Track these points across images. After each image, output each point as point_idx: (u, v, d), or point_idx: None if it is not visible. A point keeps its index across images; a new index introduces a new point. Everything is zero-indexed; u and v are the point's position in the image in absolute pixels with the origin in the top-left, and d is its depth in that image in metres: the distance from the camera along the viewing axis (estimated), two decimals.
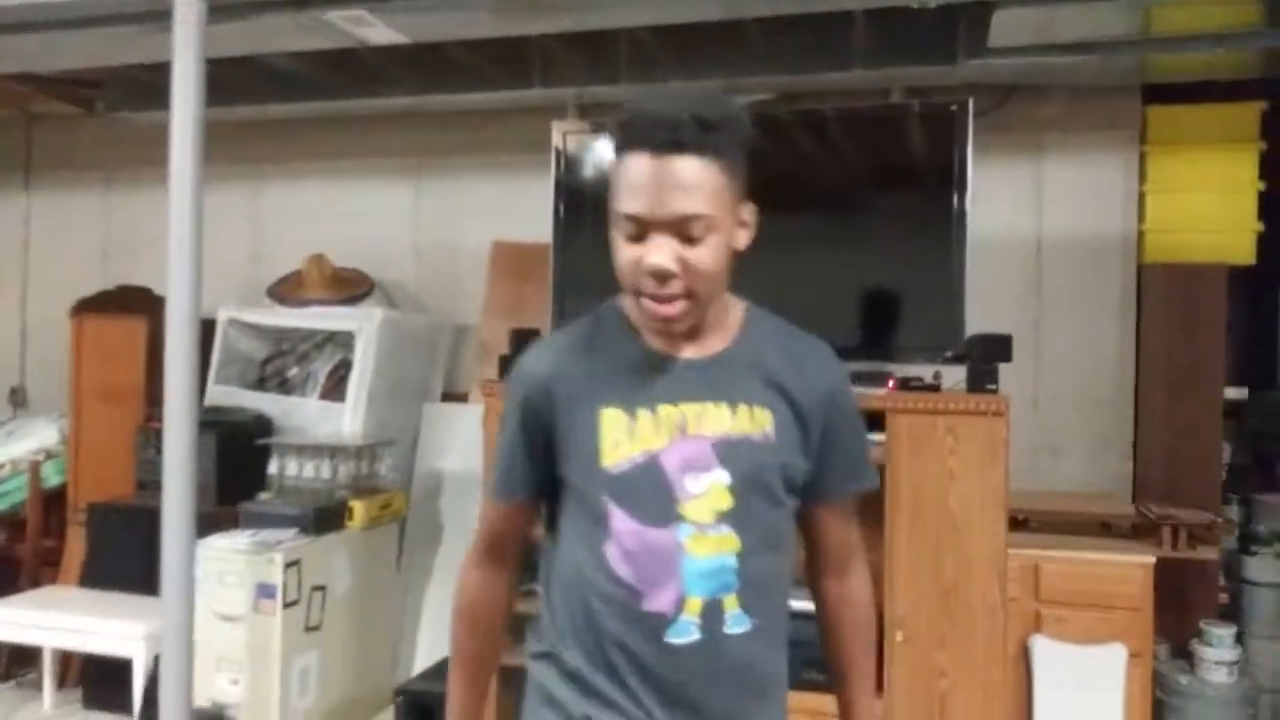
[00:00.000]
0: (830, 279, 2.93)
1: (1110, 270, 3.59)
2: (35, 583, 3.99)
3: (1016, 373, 2.88)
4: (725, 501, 1.21)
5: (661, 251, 1.17)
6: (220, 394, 4.04)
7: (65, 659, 3.78)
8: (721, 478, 1.22)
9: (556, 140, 3.18)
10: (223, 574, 3.10)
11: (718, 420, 1.24)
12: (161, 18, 2.44)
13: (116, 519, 3.74)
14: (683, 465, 1.22)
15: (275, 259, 4.39)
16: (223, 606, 3.10)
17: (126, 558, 3.55)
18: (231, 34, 2.61)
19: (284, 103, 4.09)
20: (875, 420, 2.69)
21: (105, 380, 4.14)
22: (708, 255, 1.19)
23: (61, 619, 3.43)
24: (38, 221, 5.01)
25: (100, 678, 3.60)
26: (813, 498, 1.33)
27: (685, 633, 1.20)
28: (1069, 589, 2.92)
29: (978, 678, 2.61)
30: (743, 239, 1.26)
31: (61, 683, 3.76)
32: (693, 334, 1.27)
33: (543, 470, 1.30)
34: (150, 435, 3.79)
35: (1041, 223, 3.66)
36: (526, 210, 3.55)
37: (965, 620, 2.62)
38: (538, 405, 1.28)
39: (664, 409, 1.23)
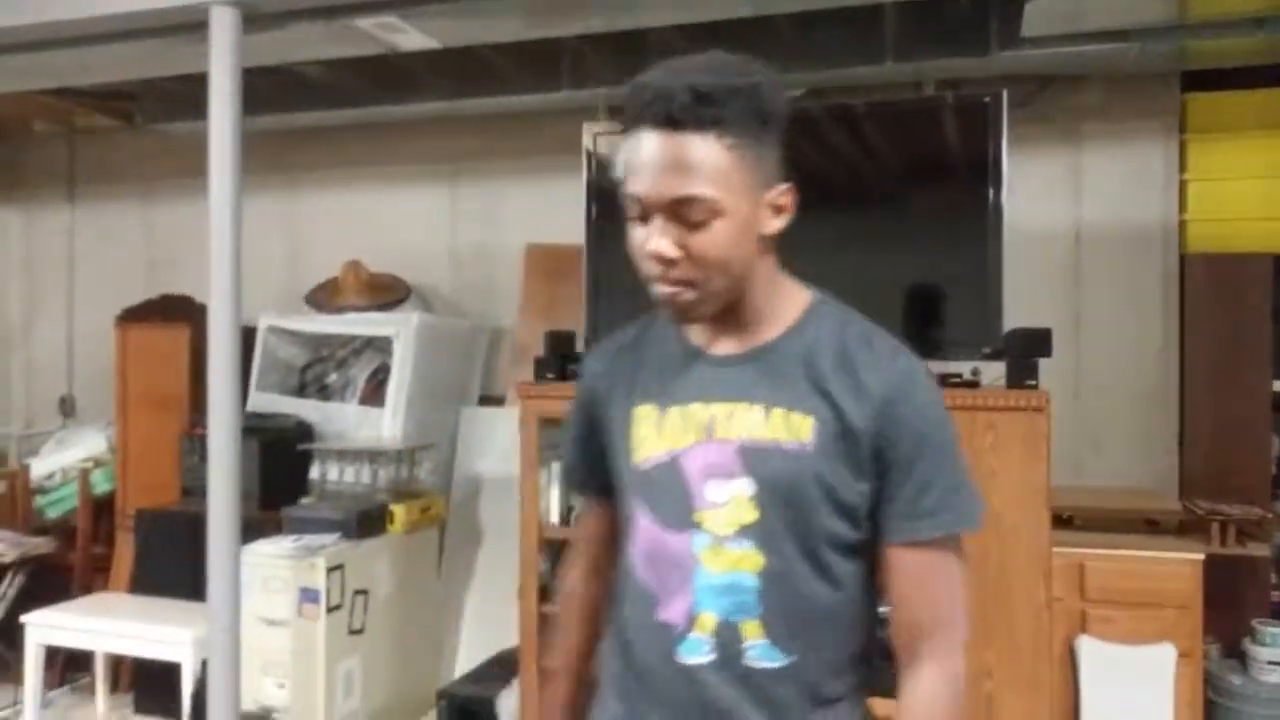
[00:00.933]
0: (865, 276, 2.91)
1: (1151, 261, 3.52)
2: (87, 589, 4.07)
3: (1057, 367, 2.83)
4: (749, 514, 1.10)
5: (660, 236, 1.09)
6: (262, 400, 4.09)
7: (117, 663, 3.85)
8: (745, 488, 1.10)
9: (587, 142, 3.18)
10: (267, 579, 3.14)
11: (747, 423, 1.12)
12: (197, 29, 2.48)
13: (163, 525, 3.80)
14: (705, 470, 1.12)
15: (313, 266, 4.44)
16: (268, 611, 3.14)
17: (174, 563, 3.61)
18: (265, 44, 2.64)
19: (318, 110, 4.14)
20: None
21: (150, 388, 4.21)
22: (712, 241, 1.08)
23: (112, 624, 3.49)
24: (82, 234, 5.11)
25: (150, 682, 3.66)
26: (878, 536, 1.14)
27: (697, 651, 1.11)
28: (1115, 587, 2.87)
29: (1024, 678, 2.57)
30: (772, 224, 1.14)
31: (114, 687, 3.84)
32: (736, 326, 1.16)
33: (601, 467, 1.27)
34: (195, 442, 3.85)
35: (1080, 214, 3.60)
36: (559, 212, 3.56)
37: (1010, 620, 2.58)
38: (589, 402, 1.28)
39: (695, 407, 1.15)
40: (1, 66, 3.08)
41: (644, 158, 1.08)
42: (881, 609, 1.21)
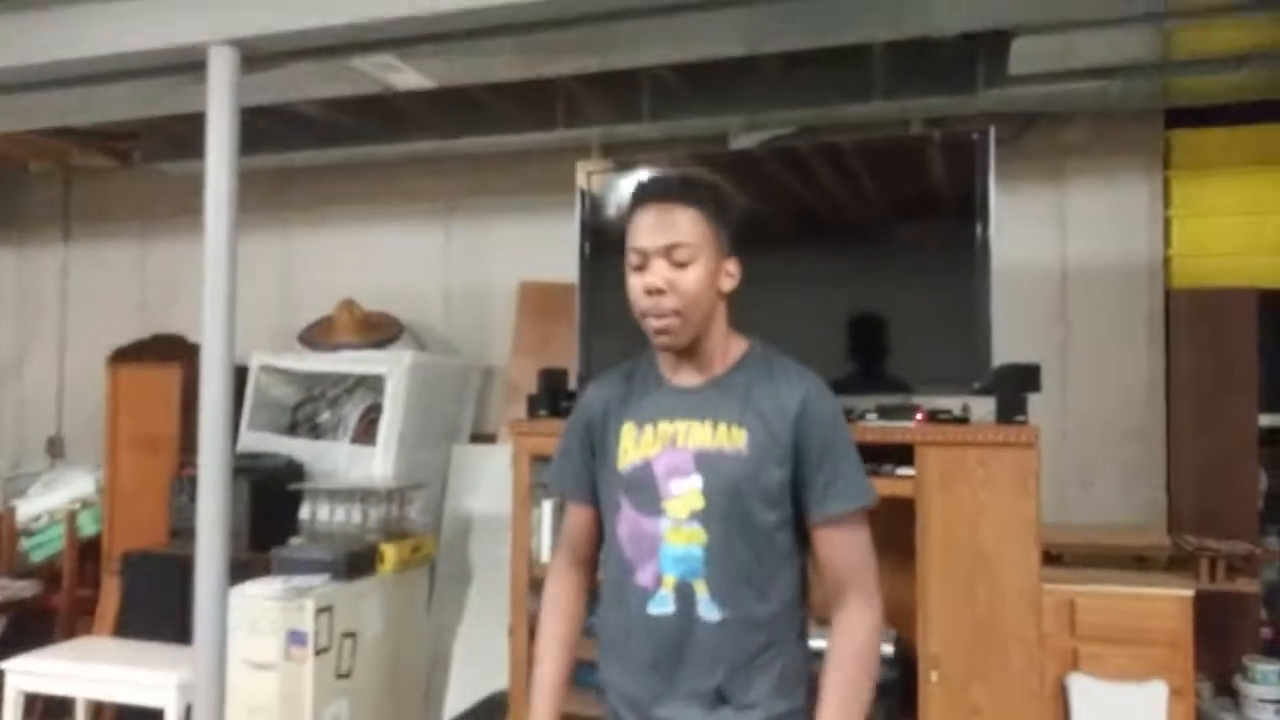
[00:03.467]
0: (854, 313, 2.93)
1: (1137, 296, 3.56)
2: (71, 633, 4.02)
3: (1044, 404, 2.85)
4: (697, 502, 1.51)
5: (654, 274, 1.52)
6: (253, 439, 4.08)
7: (98, 710, 3.79)
8: (695, 483, 1.51)
9: (581, 180, 3.22)
10: (255, 621, 3.11)
11: (700, 435, 1.53)
12: (196, 69, 2.51)
13: (150, 568, 3.76)
14: (668, 470, 1.53)
15: (306, 304, 4.45)
16: (255, 654, 3.10)
17: (161, 606, 3.56)
18: (262, 83, 2.67)
19: (313, 149, 4.17)
20: (904, 454, 2.67)
21: (140, 429, 4.19)
22: (692, 279, 1.52)
23: (95, 669, 3.44)
24: (75, 273, 5.12)
25: None
26: (804, 514, 1.54)
27: (663, 604, 1.51)
28: (1106, 624, 2.85)
29: (1014, 716, 2.55)
30: (727, 284, 1.58)
31: None
32: (696, 363, 1.58)
33: (587, 474, 1.64)
34: (184, 483, 3.83)
35: (1066, 250, 3.64)
36: (553, 250, 3.59)
37: (1000, 657, 2.57)
38: (591, 420, 1.64)
39: (662, 424, 1.56)
40: (2, 106, 3.10)
41: (646, 220, 1.54)
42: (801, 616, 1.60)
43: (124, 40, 2.59)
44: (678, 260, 1.51)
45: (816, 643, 1.57)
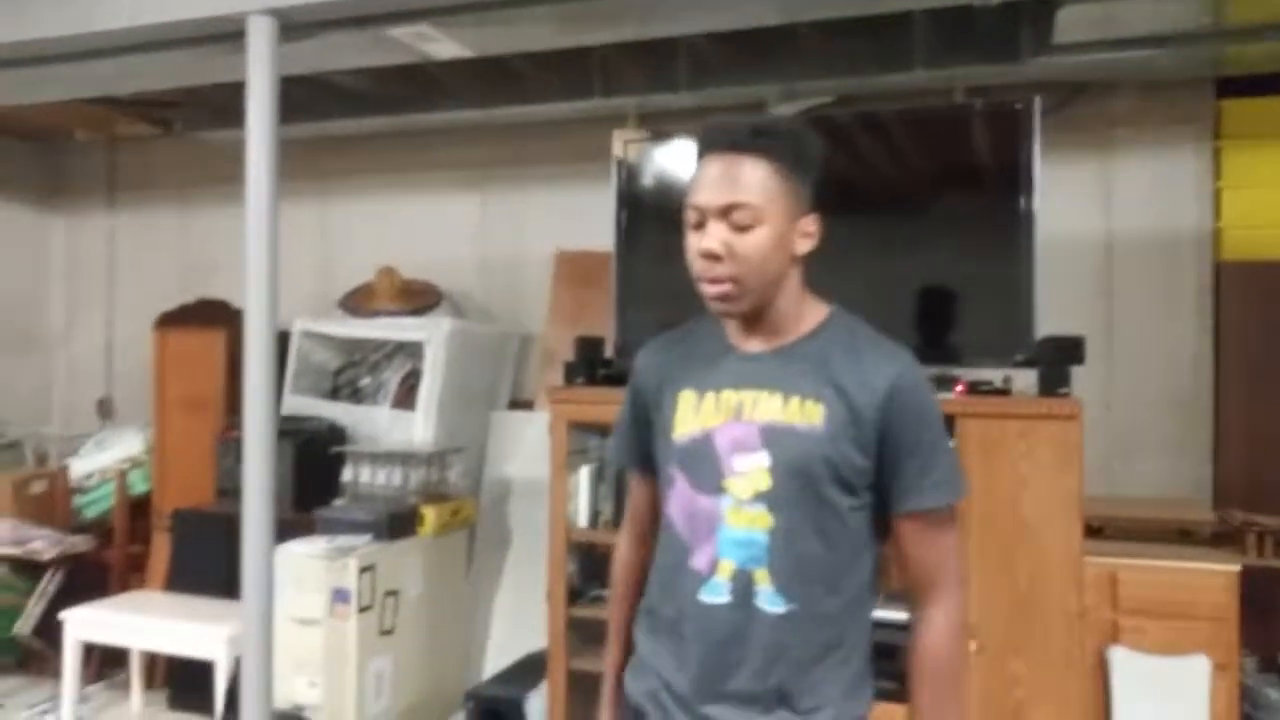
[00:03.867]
0: (896, 283, 2.91)
1: (1185, 269, 3.49)
2: (123, 587, 4.14)
3: (1088, 376, 2.81)
4: (764, 482, 1.34)
5: (711, 236, 1.35)
6: (296, 403, 4.15)
7: (152, 660, 3.92)
8: (763, 460, 1.35)
9: (617, 149, 3.21)
10: (300, 579, 3.19)
11: (769, 408, 1.36)
12: (235, 38, 2.53)
13: (198, 525, 3.87)
14: (732, 444, 1.37)
15: (346, 271, 4.50)
16: (300, 611, 3.18)
17: (208, 562, 3.67)
18: (300, 53, 2.68)
19: (351, 119, 4.20)
20: (945, 425, 2.65)
21: (187, 391, 4.28)
22: (754, 244, 1.34)
23: (148, 622, 3.56)
24: (122, 239, 5.21)
25: (185, 679, 3.72)
26: (886, 505, 1.39)
27: (717, 592, 1.36)
28: (1148, 598, 2.83)
29: (1054, 688, 2.55)
30: (803, 245, 1.39)
31: (149, 683, 3.90)
32: (765, 329, 1.41)
33: (647, 446, 1.50)
34: (230, 444, 3.91)
35: (1112, 222, 3.57)
36: (589, 219, 3.58)
37: (1041, 629, 2.57)
38: (641, 387, 1.52)
39: (726, 393, 1.39)
40: (46, 76, 3.15)
41: (707, 174, 1.36)
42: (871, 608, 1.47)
43: (165, 10, 2.62)
44: (738, 223, 1.33)
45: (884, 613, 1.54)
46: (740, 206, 1.33)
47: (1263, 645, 3.04)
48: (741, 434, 1.36)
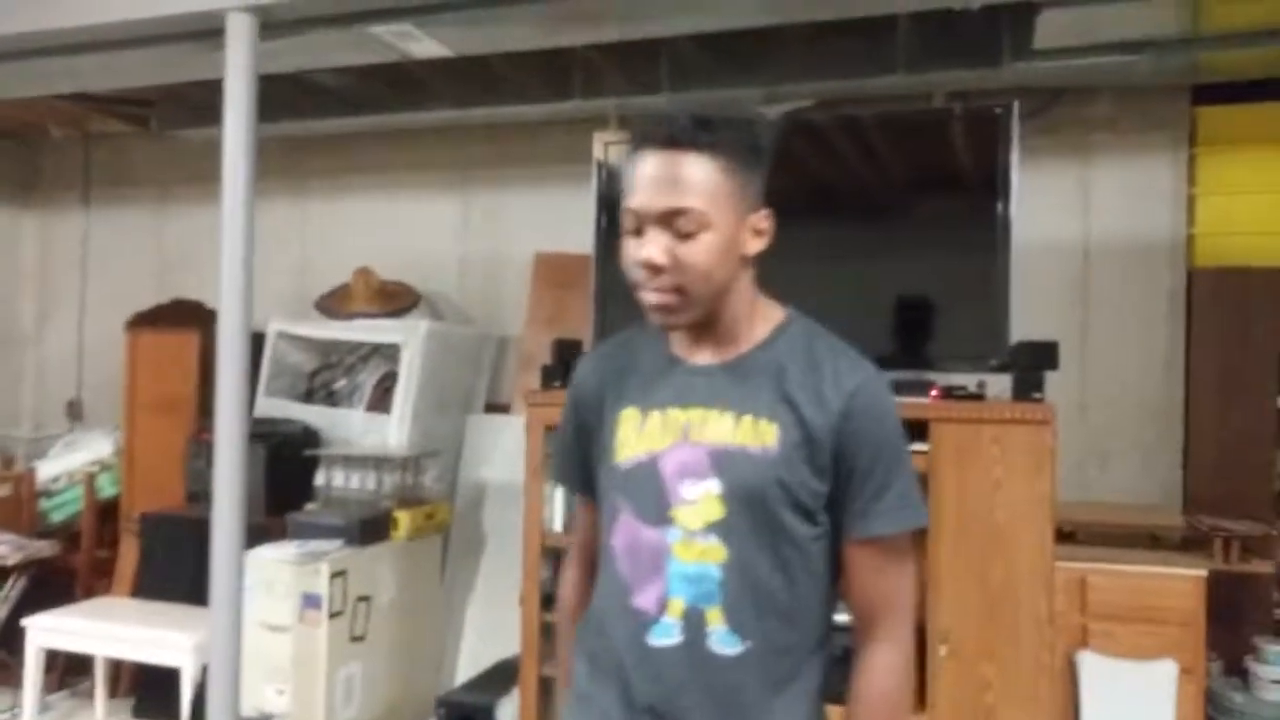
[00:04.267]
0: (872, 286, 2.91)
1: (1159, 275, 3.52)
2: (90, 592, 4.08)
3: (1063, 381, 2.83)
4: (716, 511, 1.22)
5: (652, 245, 1.21)
6: (269, 406, 4.11)
7: (117, 668, 3.86)
8: (713, 487, 1.22)
9: (598, 151, 3.20)
10: (270, 584, 3.15)
11: (719, 429, 1.24)
12: (213, 35, 2.50)
13: (167, 529, 3.81)
14: (679, 470, 1.24)
15: (322, 272, 4.47)
16: (270, 617, 3.14)
17: (177, 568, 3.62)
18: (280, 51, 2.66)
19: (330, 118, 4.17)
20: (918, 430, 2.66)
21: (158, 393, 4.23)
22: (699, 252, 1.21)
23: (113, 629, 3.50)
24: (95, 238, 5.15)
25: (150, 687, 3.67)
26: (838, 530, 1.26)
27: (667, 634, 1.22)
28: (1117, 602, 2.85)
29: (1024, 692, 2.56)
30: (754, 245, 1.27)
31: (113, 691, 3.84)
32: (714, 339, 1.29)
33: (590, 467, 1.37)
34: (201, 447, 3.86)
35: (1088, 227, 3.60)
36: (569, 221, 3.58)
37: (1011, 633, 2.57)
38: (580, 402, 1.39)
39: (673, 412, 1.27)
40: (20, 71, 3.11)
41: (644, 174, 1.22)
42: (837, 615, 1.33)
43: (143, 6, 2.59)
44: (682, 230, 1.20)
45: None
46: (683, 212, 1.19)
47: (1228, 649, 3.07)
48: (689, 458, 1.23)
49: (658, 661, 1.22)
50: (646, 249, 1.21)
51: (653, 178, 1.21)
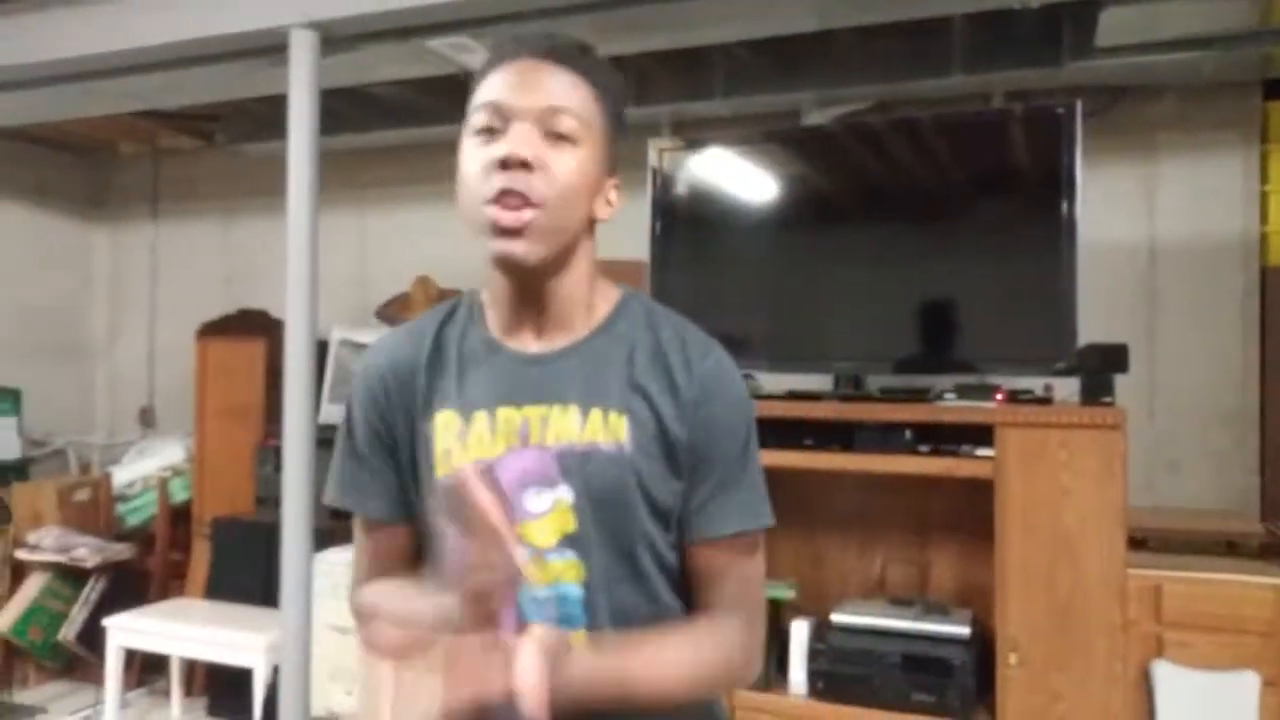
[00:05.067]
0: (935, 291, 2.88)
1: (1230, 275, 3.42)
2: (164, 594, 4.20)
3: (1131, 385, 2.77)
4: (569, 523, 1.04)
5: (522, 140, 1.01)
6: (334, 412, 4.18)
7: (191, 667, 3.96)
8: (563, 495, 1.04)
9: (653, 158, 3.21)
10: (338, 587, 3.20)
11: (564, 426, 1.05)
12: (277, 51, 2.57)
13: (238, 533, 3.91)
14: (521, 479, 1.04)
15: (382, 281, 4.53)
16: (338, 619, 3.20)
17: (248, 570, 3.70)
18: (340, 65, 2.72)
19: (389, 129, 4.24)
20: (983, 434, 2.62)
21: (227, 400, 4.33)
22: (571, 165, 1.03)
23: (187, 629, 3.60)
24: (163, 250, 5.29)
25: (224, 686, 3.76)
26: (682, 529, 1.10)
27: None
28: (1194, 611, 2.77)
29: (1096, 703, 2.50)
30: (604, 211, 1.10)
31: (188, 690, 3.95)
32: (548, 318, 1.09)
33: (388, 483, 1.13)
34: (269, 452, 3.95)
35: (1154, 227, 3.51)
36: (624, 227, 3.56)
37: (1083, 643, 2.52)
38: (373, 405, 1.13)
39: (504, 412, 1.06)
40: (92, 91, 3.21)
41: (511, 76, 1.04)
42: None
43: (208, 25, 2.66)
44: (557, 131, 1.02)
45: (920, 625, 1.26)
46: (563, 111, 1.02)
47: None
48: (533, 464, 1.05)
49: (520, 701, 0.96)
50: (513, 144, 1.01)
51: (523, 79, 1.04)
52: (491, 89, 1.05)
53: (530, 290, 1.08)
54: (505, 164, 1.01)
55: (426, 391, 1.09)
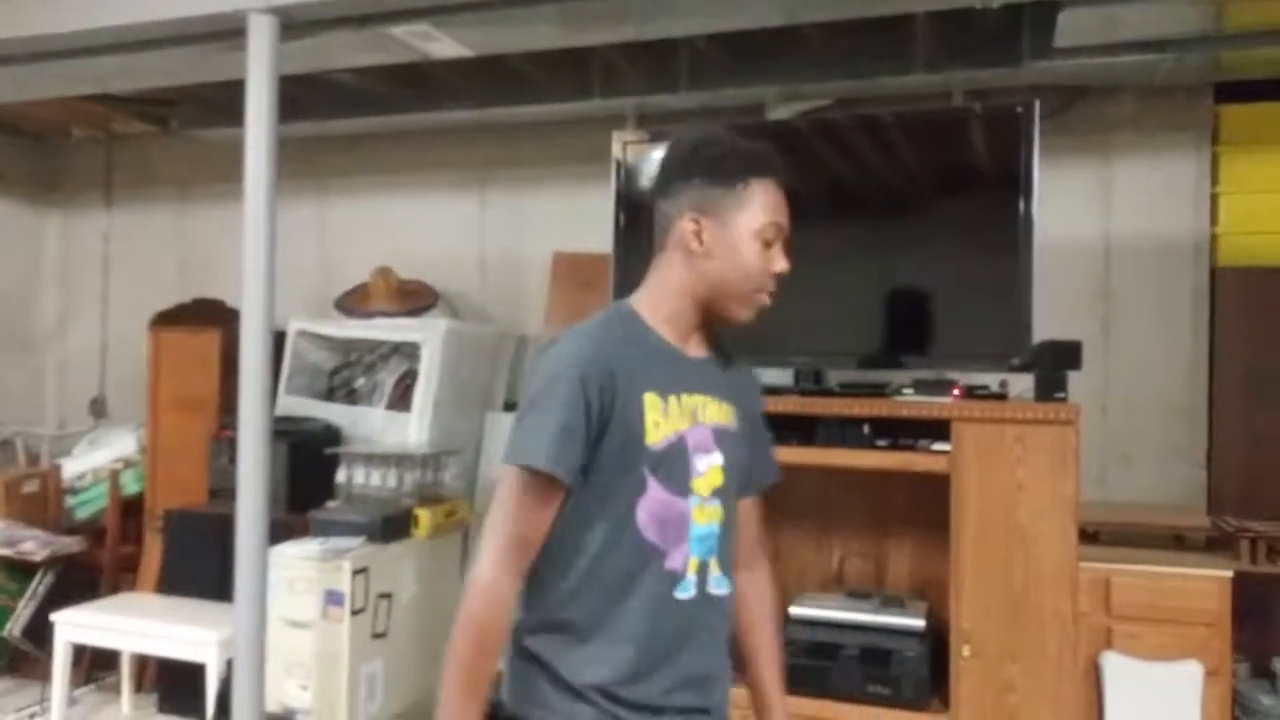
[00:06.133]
0: (892, 286, 2.91)
1: (1182, 274, 3.49)
2: (114, 588, 4.12)
3: (1085, 381, 2.81)
4: (718, 480, 1.45)
5: (785, 258, 1.46)
6: (290, 404, 4.13)
7: (142, 663, 3.90)
8: (717, 459, 1.45)
9: (617, 151, 3.20)
10: (293, 581, 3.17)
11: (715, 411, 1.47)
12: (235, 36, 2.52)
13: (191, 526, 3.84)
14: (696, 446, 1.43)
15: (342, 271, 4.49)
16: (293, 613, 3.16)
17: (201, 564, 3.64)
18: (299, 51, 2.68)
19: (350, 118, 4.19)
20: (940, 429, 2.65)
21: (181, 391, 4.26)
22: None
23: (139, 624, 3.53)
24: (117, 238, 5.19)
25: (175, 682, 3.70)
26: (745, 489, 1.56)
27: (687, 588, 1.41)
28: (1142, 603, 2.84)
29: (1048, 693, 2.55)
30: None
31: (139, 686, 3.88)
32: (701, 337, 1.50)
33: (583, 455, 1.37)
34: (224, 444, 3.89)
35: (1110, 226, 3.57)
36: (587, 220, 3.58)
37: (1035, 634, 2.56)
38: (592, 387, 1.36)
39: (685, 397, 1.44)
40: (42, 72, 3.14)
41: (776, 197, 1.45)
42: None
43: (165, 7, 2.61)
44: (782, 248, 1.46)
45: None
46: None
47: (1255, 651, 3.04)
48: (702, 436, 1.44)
49: (683, 613, 1.41)
50: (783, 261, 1.45)
51: (780, 202, 1.45)
52: (770, 205, 1.44)
53: (707, 323, 1.50)
54: (778, 276, 1.46)
55: (636, 377, 1.40)
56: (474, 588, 1.36)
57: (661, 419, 1.39)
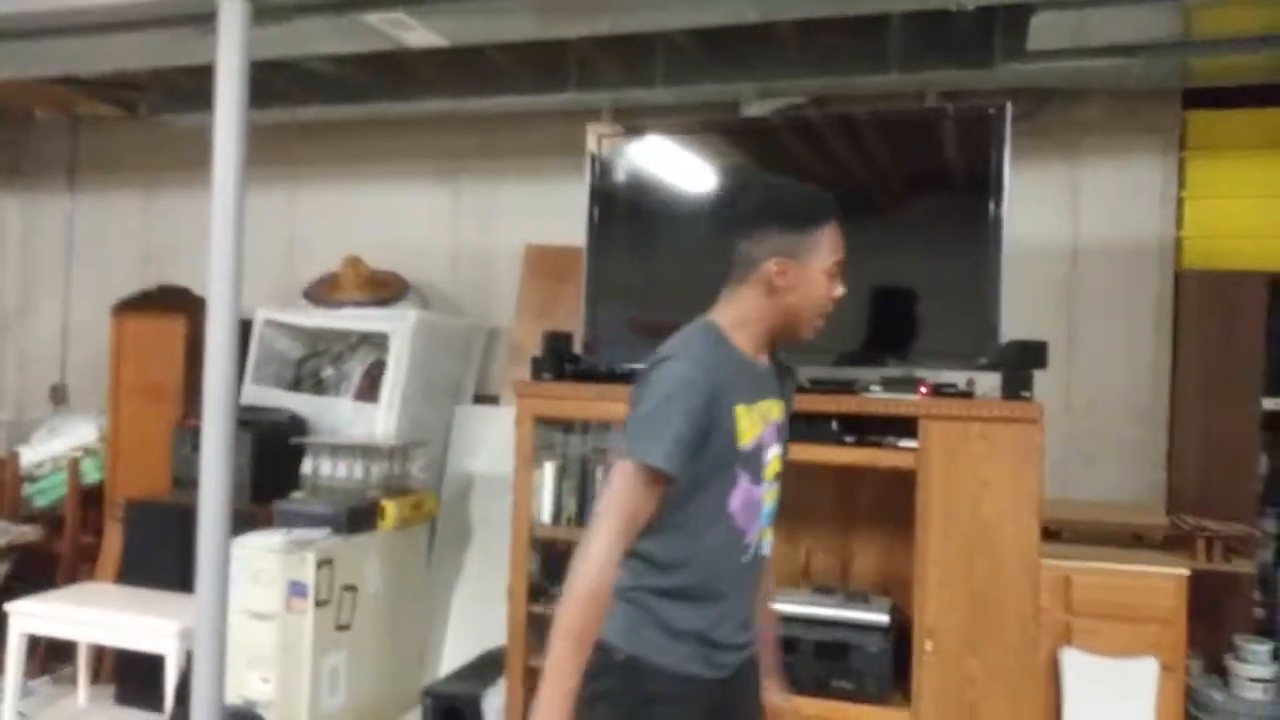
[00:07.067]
0: (862, 284, 2.91)
1: (1147, 277, 3.54)
2: (73, 578, 4.05)
3: (1050, 381, 2.85)
4: (778, 467, 1.76)
5: (843, 285, 1.75)
6: (256, 393, 4.09)
7: (100, 654, 3.84)
8: (777, 450, 1.76)
9: (591, 144, 3.19)
10: (256, 572, 3.14)
11: (774, 410, 1.75)
12: (205, 20, 2.48)
13: (152, 516, 3.79)
14: (766, 442, 1.72)
15: (311, 260, 4.44)
16: (255, 604, 3.13)
17: (162, 554, 3.60)
18: (272, 37, 2.64)
19: (322, 106, 4.14)
20: (907, 426, 2.68)
21: (144, 379, 4.20)
22: None
23: (97, 615, 3.48)
24: (81, 223, 5.10)
25: (133, 673, 3.64)
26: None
27: (749, 554, 1.72)
28: (1100, 600, 2.88)
29: (1008, 688, 2.58)
30: None
31: (96, 678, 3.82)
32: (765, 351, 1.76)
33: (691, 455, 1.62)
34: (187, 433, 3.85)
35: (1078, 228, 3.62)
36: (561, 213, 3.57)
37: (996, 630, 2.59)
38: (708, 402, 1.63)
39: (760, 404, 1.71)
40: (7, 52, 3.08)
41: (840, 238, 1.73)
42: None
43: None
44: None
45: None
46: None
47: (1208, 647, 3.10)
48: (769, 434, 1.73)
49: (744, 572, 1.72)
50: (842, 288, 1.73)
51: (840, 240, 1.72)
52: (836, 245, 1.72)
53: (774, 339, 1.76)
54: (837, 300, 1.74)
55: (730, 391, 1.65)
56: (597, 555, 1.56)
57: (748, 426, 1.68)
